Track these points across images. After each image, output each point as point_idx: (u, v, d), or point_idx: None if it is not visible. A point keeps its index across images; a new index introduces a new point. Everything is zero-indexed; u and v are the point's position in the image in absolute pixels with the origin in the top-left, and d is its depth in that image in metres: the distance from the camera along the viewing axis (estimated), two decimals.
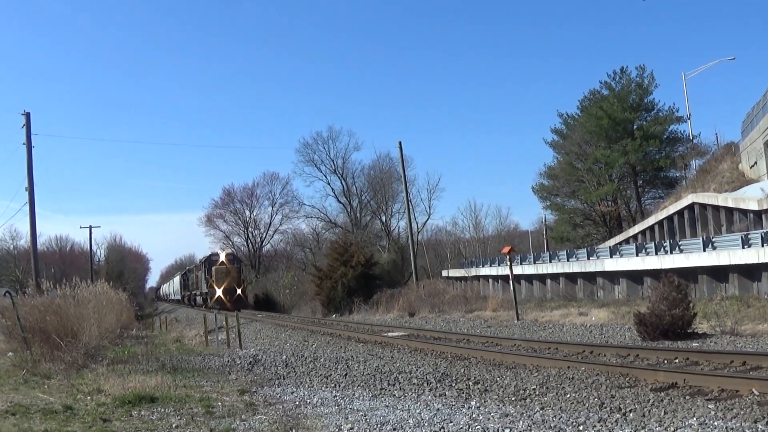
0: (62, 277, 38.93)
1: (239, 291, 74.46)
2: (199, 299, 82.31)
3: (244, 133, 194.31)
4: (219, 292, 72.08)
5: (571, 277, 41.39)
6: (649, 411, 11.03)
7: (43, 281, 30.83)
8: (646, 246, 37.26)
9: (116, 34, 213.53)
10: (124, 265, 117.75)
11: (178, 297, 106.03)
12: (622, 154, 61.37)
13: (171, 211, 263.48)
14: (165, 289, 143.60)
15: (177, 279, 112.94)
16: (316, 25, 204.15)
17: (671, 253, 33.22)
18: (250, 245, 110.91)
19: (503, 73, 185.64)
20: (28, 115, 42.75)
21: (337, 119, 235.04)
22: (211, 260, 76.82)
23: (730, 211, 39.83)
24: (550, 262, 45.15)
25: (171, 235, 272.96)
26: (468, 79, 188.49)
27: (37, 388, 15.61)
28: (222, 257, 76.65)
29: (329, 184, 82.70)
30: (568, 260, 42.82)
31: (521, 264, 47.36)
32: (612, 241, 53.83)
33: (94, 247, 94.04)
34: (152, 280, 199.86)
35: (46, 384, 16.39)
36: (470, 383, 14.72)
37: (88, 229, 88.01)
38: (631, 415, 10.88)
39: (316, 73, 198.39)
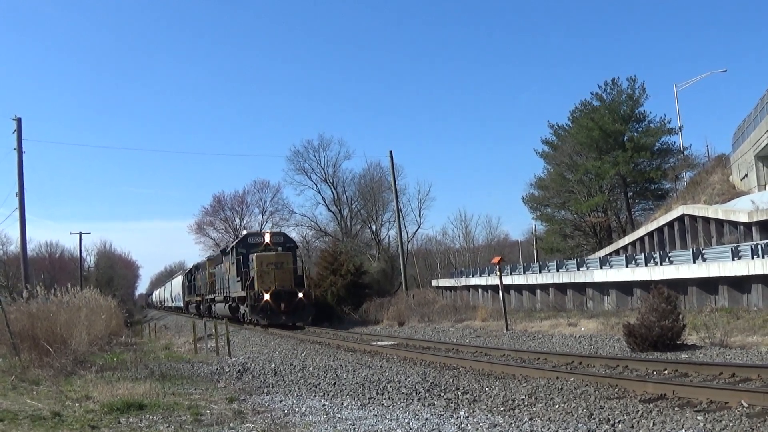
0: (52, 283, 38.84)
1: (300, 294, 44.05)
2: (221, 307, 53.96)
3: (235, 141, 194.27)
4: (267, 296, 43.00)
5: (561, 288, 41.44)
6: (638, 422, 11.05)
7: (36, 286, 30.67)
8: (636, 257, 37.34)
9: (107, 40, 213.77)
10: (113, 272, 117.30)
11: (179, 304, 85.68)
12: (612, 166, 61.51)
13: (161, 218, 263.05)
14: (159, 294, 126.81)
15: (177, 281, 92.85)
16: (308, 33, 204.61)
17: (661, 264, 33.29)
18: None
19: (495, 83, 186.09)
20: (19, 121, 42.64)
21: (328, 127, 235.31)
22: (247, 243, 48.09)
23: (720, 223, 39.96)
24: (540, 272, 45.18)
25: (161, 243, 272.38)
26: (459, 89, 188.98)
27: (25, 394, 15.56)
28: (267, 238, 47.89)
29: (320, 192, 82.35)
30: (557, 271, 42.86)
31: (511, 274, 47.39)
32: (602, 252, 53.95)
33: (83, 254, 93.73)
34: (141, 287, 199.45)
35: (35, 390, 16.34)
36: (459, 393, 14.72)
37: (78, 235, 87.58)
38: (619, 426, 10.90)
39: (308, 80, 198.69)
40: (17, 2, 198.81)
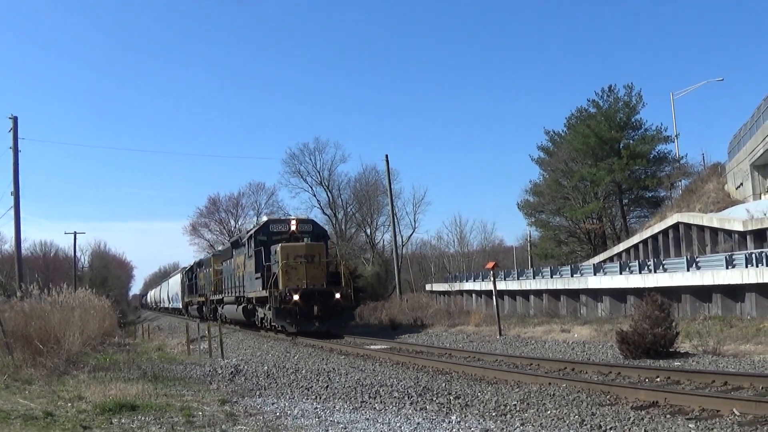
0: (46, 282, 38.76)
1: (338, 295, 35.20)
2: (231, 309, 45.80)
3: (231, 143, 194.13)
4: (296, 297, 34.14)
5: (555, 294, 41.45)
6: (630, 429, 11.07)
7: (30, 285, 30.65)
8: (630, 264, 37.35)
9: (105, 40, 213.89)
10: (107, 272, 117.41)
11: (178, 305, 79.33)
12: (608, 173, 61.63)
13: (156, 219, 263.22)
14: (154, 294, 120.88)
15: (174, 280, 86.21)
16: (305, 36, 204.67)
17: (655, 271, 33.31)
18: None
19: (491, 88, 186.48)
20: (15, 120, 42.64)
21: (324, 130, 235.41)
22: (268, 231, 38.89)
23: (714, 231, 40.00)
24: (534, 278, 45.21)
25: (155, 243, 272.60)
26: (455, 94, 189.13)
27: (18, 394, 15.55)
28: (293, 226, 38.87)
29: (315, 195, 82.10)
30: (551, 277, 42.87)
31: (505, 279, 47.42)
32: (596, 259, 54.00)
33: (78, 253, 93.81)
34: (135, 288, 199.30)
35: (27, 390, 16.34)
36: (451, 398, 14.72)
37: (72, 235, 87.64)
38: None
39: (304, 83, 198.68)
40: (18, 2, 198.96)
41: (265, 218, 43.53)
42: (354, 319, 38.89)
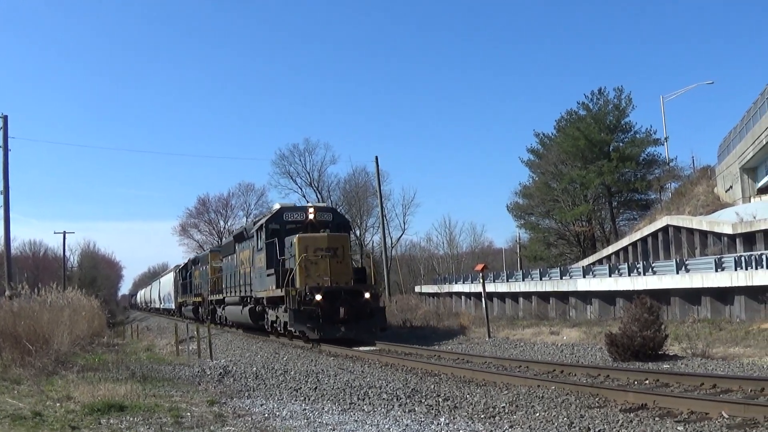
0: (35, 282, 38.70)
1: (367, 294, 30.17)
2: (234, 311, 40.29)
3: (221, 143, 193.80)
4: (318, 297, 29.01)
5: (544, 296, 41.53)
6: None
7: (20, 285, 30.56)
8: (620, 267, 37.48)
9: (95, 40, 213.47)
10: (97, 272, 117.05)
11: (170, 305, 74.59)
12: (597, 175, 61.76)
13: (145, 219, 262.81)
14: (144, 294, 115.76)
15: (167, 279, 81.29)
16: (295, 36, 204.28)
17: (644, 274, 33.41)
18: None
19: (482, 91, 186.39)
20: (5, 118, 42.56)
21: (314, 131, 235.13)
22: (282, 220, 33.22)
23: (704, 234, 40.11)
24: (523, 280, 45.33)
25: (144, 244, 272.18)
26: (447, 96, 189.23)
27: (6, 394, 15.51)
28: (311, 214, 33.03)
29: (305, 196, 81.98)
30: (540, 279, 42.98)
31: (494, 282, 47.52)
32: (585, 261, 54.11)
33: (67, 253, 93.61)
34: (125, 288, 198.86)
35: (16, 389, 16.30)
36: (440, 399, 14.69)
37: (62, 235, 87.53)
38: None
39: (295, 84, 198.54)
40: (18, 3, 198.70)
41: (277, 205, 36.38)
42: (386, 323, 32.37)
